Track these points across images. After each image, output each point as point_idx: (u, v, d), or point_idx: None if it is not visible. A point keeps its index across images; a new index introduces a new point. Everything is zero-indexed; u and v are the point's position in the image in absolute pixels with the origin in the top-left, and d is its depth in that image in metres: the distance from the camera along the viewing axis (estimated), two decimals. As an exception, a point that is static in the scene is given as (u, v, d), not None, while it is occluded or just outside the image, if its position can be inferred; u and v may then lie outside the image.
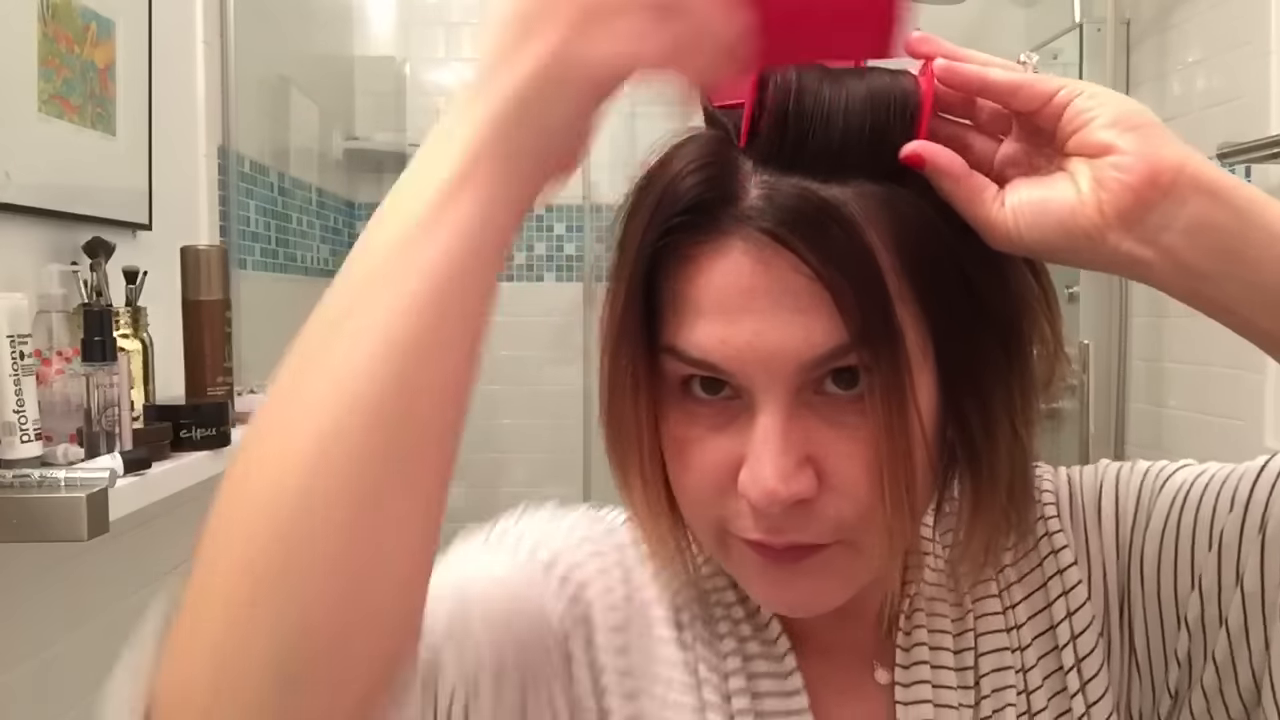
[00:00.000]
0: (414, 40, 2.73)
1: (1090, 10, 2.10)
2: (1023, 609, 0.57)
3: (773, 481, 0.47)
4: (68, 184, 1.24)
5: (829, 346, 0.47)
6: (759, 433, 0.48)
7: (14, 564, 1.13)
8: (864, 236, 0.46)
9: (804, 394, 0.48)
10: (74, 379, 1.07)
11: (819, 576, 0.51)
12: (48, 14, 1.18)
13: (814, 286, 0.46)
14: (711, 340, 0.48)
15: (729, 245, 0.47)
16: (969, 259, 0.49)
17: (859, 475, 0.48)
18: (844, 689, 0.57)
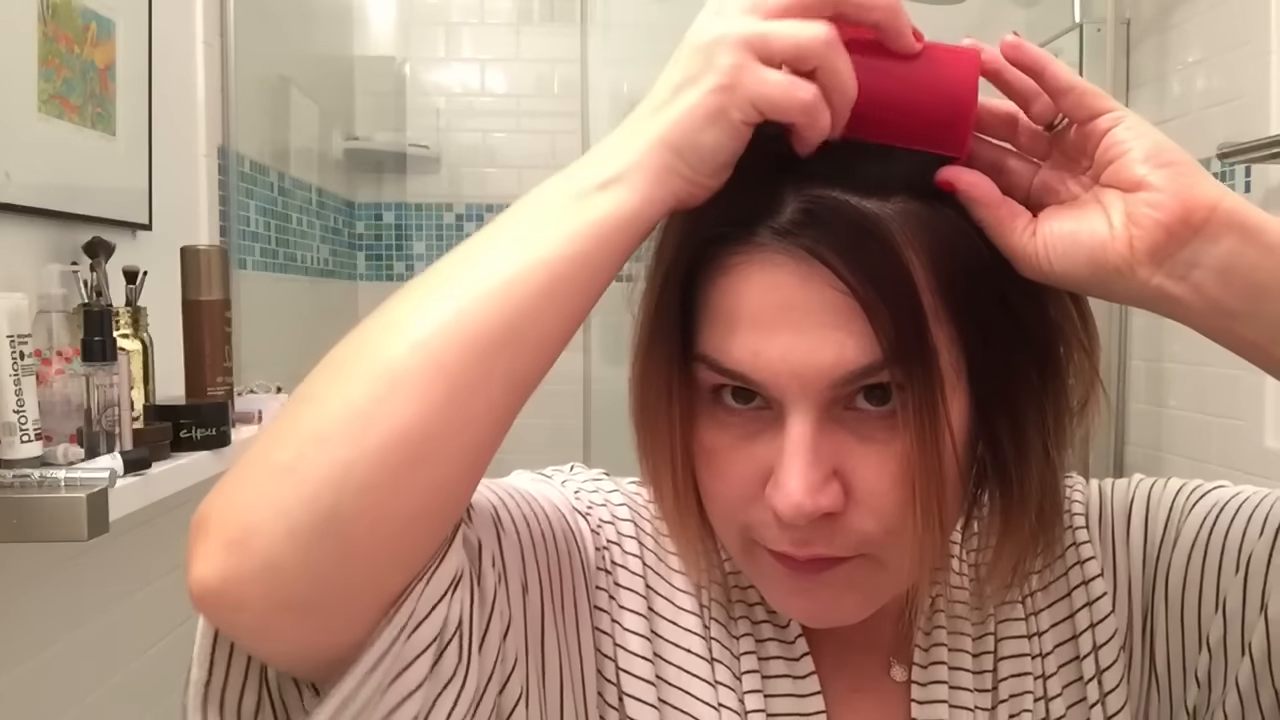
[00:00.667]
0: (414, 40, 2.73)
1: (1090, 10, 2.10)
2: (1045, 616, 0.58)
3: (799, 495, 0.47)
4: (68, 184, 1.24)
5: (861, 364, 0.47)
6: (788, 445, 0.48)
7: (14, 564, 1.13)
8: (901, 255, 0.47)
9: (834, 409, 0.49)
10: (74, 379, 1.07)
11: (841, 589, 0.51)
12: (48, 14, 1.18)
13: (850, 303, 0.46)
14: (745, 352, 0.48)
15: (766, 258, 0.48)
16: (1007, 281, 0.49)
17: (886, 491, 0.48)
18: (859, 684, 0.57)
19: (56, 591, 1.23)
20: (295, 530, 0.41)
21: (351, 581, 0.43)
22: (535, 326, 0.46)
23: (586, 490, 0.61)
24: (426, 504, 0.44)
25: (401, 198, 2.72)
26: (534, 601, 0.52)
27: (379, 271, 2.72)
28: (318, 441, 0.43)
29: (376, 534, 0.43)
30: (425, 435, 0.43)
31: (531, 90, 2.73)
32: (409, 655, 0.45)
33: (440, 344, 0.44)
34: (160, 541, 1.48)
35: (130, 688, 1.40)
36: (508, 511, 0.54)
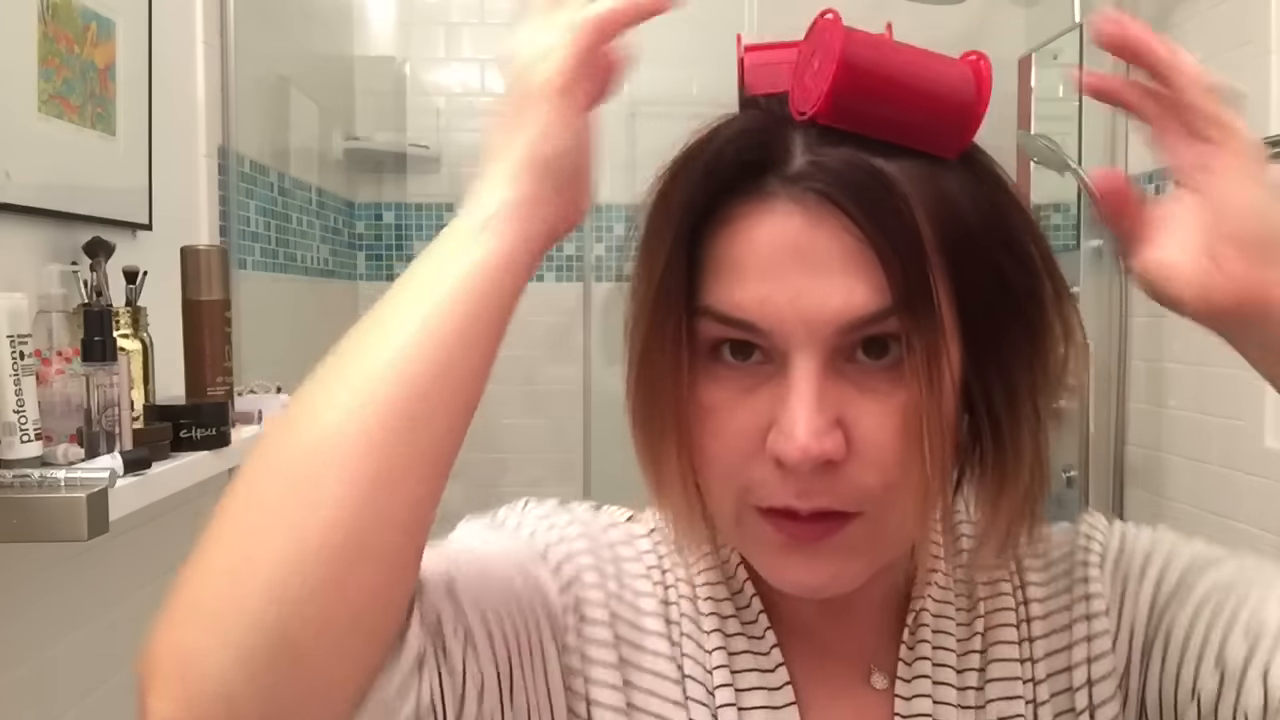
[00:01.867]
0: (414, 40, 2.73)
1: (1090, 10, 2.10)
2: (1041, 644, 0.57)
3: (805, 437, 0.47)
4: (68, 184, 1.24)
5: (870, 310, 0.47)
6: (793, 390, 0.48)
7: (14, 564, 1.13)
8: (911, 206, 0.47)
9: (837, 360, 0.49)
10: (74, 379, 1.07)
11: (841, 555, 0.51)
12: (48, 14, 1.18)
13: (860, 250, 0.47)
14: (752, 300, 0.48)
15: (776, 205, 0.48)
16: (999, 244, 0.50)
17: (887, 442, 0.48)
18: (837, 691, 0.56)
19: (56, 591, 1.23)
20: (242, 656, 0.41)
21: (310, 691, 0.42)
22: (439, 397, 0.46)
23: (541, 530, 0.58)
24: (369, 599, 0.43)
25: (401, 198, 2.72)
26: (502, 656, 0.51)
27: (379, 271, 2.72)
28: (247, 562, 0.42)
29: (323, 641, 0.42)
30: (349, 534, 0.42)
31: (531, 90, 2.73)
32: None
33: (348, 440, 0.43)
34: (160, 541, 1.48)
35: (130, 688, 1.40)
36: (462, 575, 0.52)
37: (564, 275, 2.75)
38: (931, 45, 0.51)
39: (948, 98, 0.49)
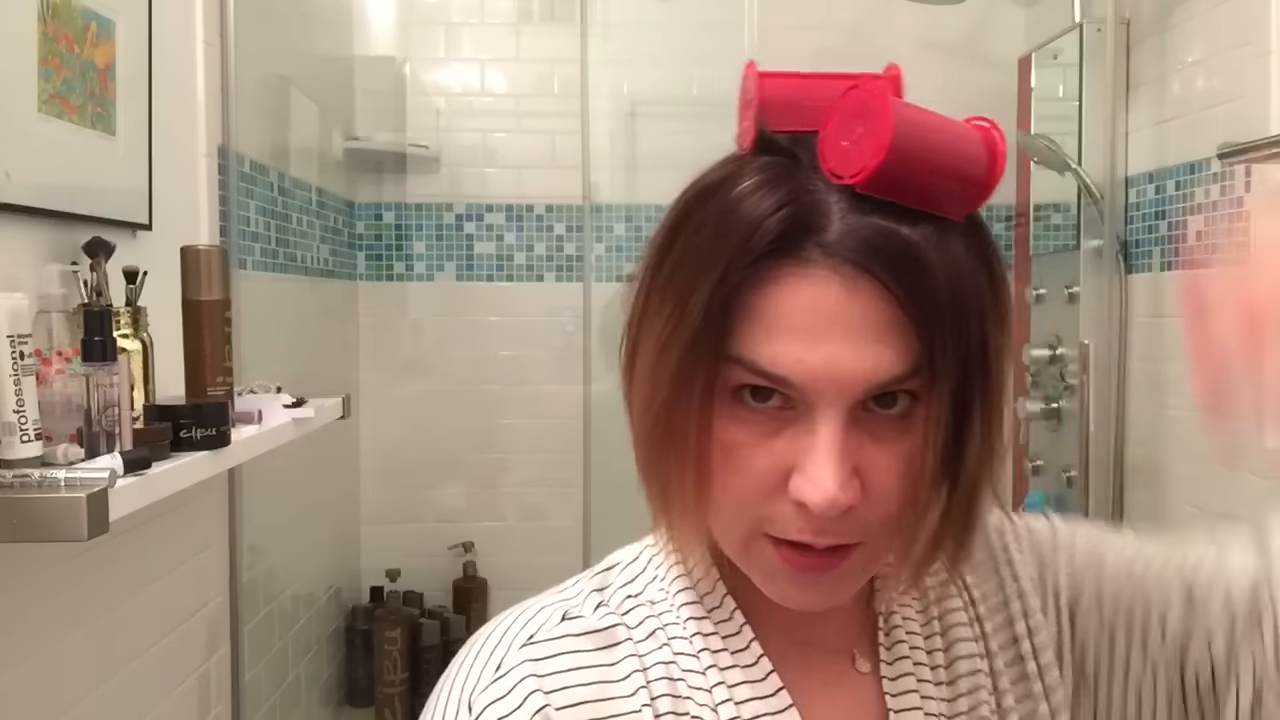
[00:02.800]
0: (414, 40, 2.73)
1: (1090, 10, 2.10)
2: (989, 624, 0.64)
3: (834, 490, 0.52)
4: (68, 184, 1.24)
5: (896, 373, 0.52)
6: (821, 444, 0.53)
7: (14, 564, 1.13)
8: (935, 275, 0.52)
9: (855, 410, 0.53)
10: (74, 379, 1.07)
11: (840, 582, 0.57)
12: (48, 14, 1.18)
13: (891, 316, 0.52)
14: (788, 358, 0.52)
15: (813, 272, 0.52)
16: (990, 302, 0.55)
17: (892, 485, 0.54)
18: (827, 680, 0.61)
19: (56, 591, 1.23)
20: None
21: None
22: None
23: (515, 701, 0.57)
24: None
25: (401, 198, 2.72)
26: None
27: (379, 271, 2.72)
28: None
29: None
30: None
31: (531, 90, 2.73)
32: None
33: None
34: (160, 541, 1.48)
35: (130, 688, 1.40)
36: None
37: (564, 275, 2.75)
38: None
39: (972, 172, 0.54)
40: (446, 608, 2.62)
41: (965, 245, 0.54)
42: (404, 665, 2.45)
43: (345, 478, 2.65)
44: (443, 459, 2.71)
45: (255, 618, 1.90)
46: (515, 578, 2.71)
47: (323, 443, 2.06)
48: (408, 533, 2.70)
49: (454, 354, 2.73)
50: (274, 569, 2.02)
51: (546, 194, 2.71)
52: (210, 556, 1.68)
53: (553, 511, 2.73)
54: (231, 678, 1.76)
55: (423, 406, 2.70)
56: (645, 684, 0.58)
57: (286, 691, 2.12)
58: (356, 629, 2.52)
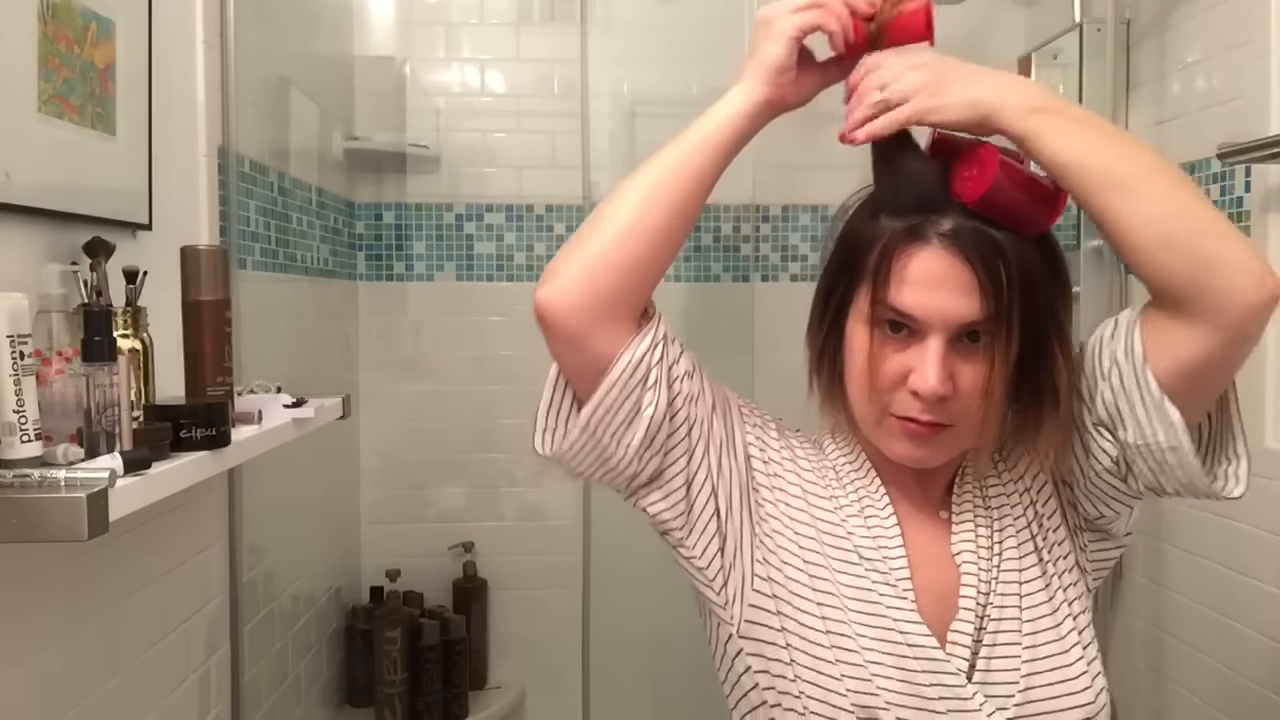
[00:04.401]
0: (414, 40, 2.73)
1: (1090, 10, 2.10)
2: (1033, 486, 1.04)
3: (936, 383, 0.90)
4: (68, 184, 1.24)
5: (975, 317, 0.90)
6: (931, 356, 0.91)
7: (14, 564, 1.13)
8: (1008, 261, 0.90)
9: (952, 340, 0.91)
10: (74, 379, 1.07)
11: (937, 445, 0.95)
12: (48, 14, 1.18)
13: (975, 282, 0.90)
14: (916, 303, 0.91)
15: (933, 251, 0.91)
16: (1053, 289, 0.95)
17: (973, 390, 0.92)
18: (921, 521, 1.01)
19: (56, 591, 1.23)
20: (574, 269, 0.92)
21: (603, 302, 0.91)
22: (681, 175, 0.94)
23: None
24: (632, 264, 0.92)
25: (401, 198, 2.72)
26: (707, 406, 0.99)
27: (379, 271, 2.72)
28: (593, 225, 0.93)
29: (611, 271, 0.92)
30: (633, 223, 0.92)
31: (531, 90, 2.73)
32: (642, 366, 0.93)
33: (639, 189, 0.94)
34: (160, 541, 1.48)
35: (130, 688, 1.40)
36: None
37: (564, 275, 2.74)
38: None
39: (1041, 210, 0.93)
40: (446, 608, 2.62)
41: (1036, 249, 0.93)
42: (404, 665, 2.44)
43: (345, 478, 2.65)
44: (442, 459, 2.71)
45: (255, 618, 1.90)
46: (515, 578, 2.71)
47: (323, 443, 2.06)
48: (408, 533, 2.70)
49: (454, 354, 2.73)
50: (274, 569, 2.02)
51: (546, 194, 2.71)
52: (210, 556, 1.68)
53: (553, 511, 2.73)
54: (231, 678, 1.76)
55: (423, 406, 2.70)
56: (829, 468, 1.04)
57: (286, 691, 2.12)
58: (356, 629, 2.52)
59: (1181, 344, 0.88)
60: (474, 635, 2.62)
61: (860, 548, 0.97)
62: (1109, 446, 0.95)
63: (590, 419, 0.93)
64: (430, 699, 2.48)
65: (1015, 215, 0.90)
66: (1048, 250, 0.94)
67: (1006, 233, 0.90)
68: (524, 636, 2.72)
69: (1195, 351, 0.87)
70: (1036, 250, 0.92)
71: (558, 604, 2.65)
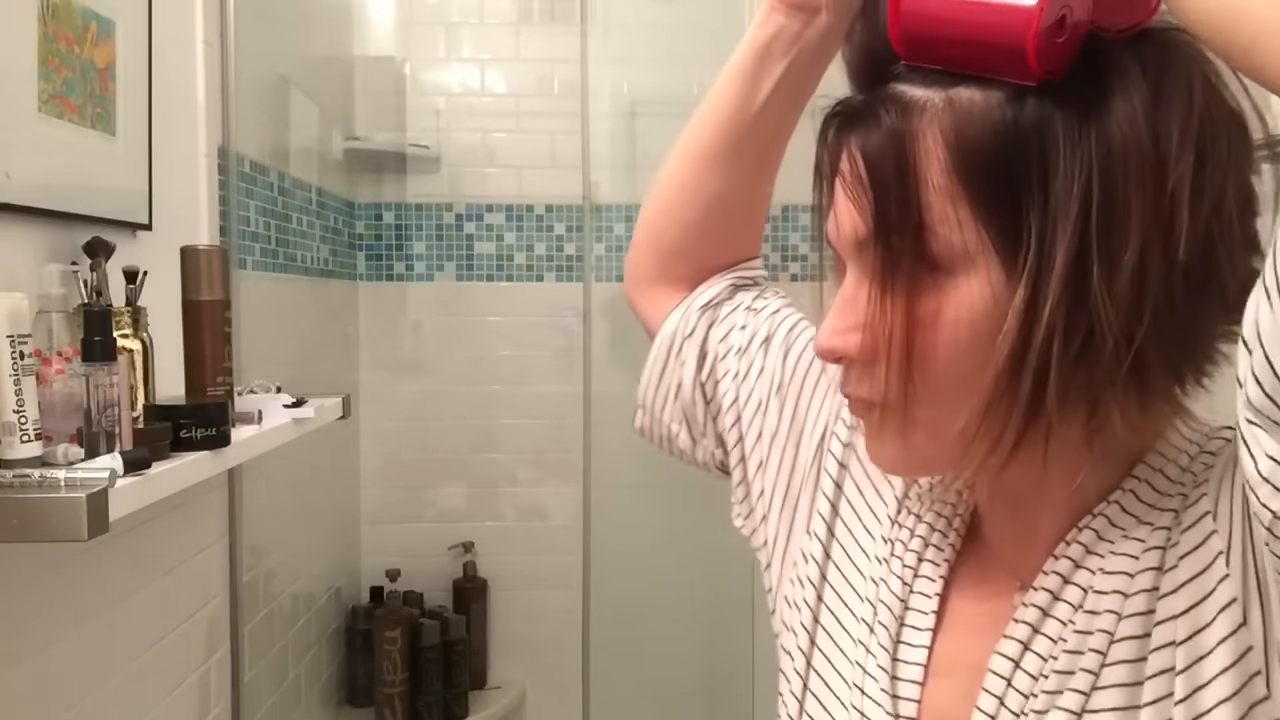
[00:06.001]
0: (414, 40, 2.73)
1: (1090, 10, 2.10)
2: (1180, 597, 0.53)
3: (821, 335, 0.58)
4: (68, 184, 1.24)
5: (857, 230, 0.55)
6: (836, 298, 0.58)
7: (14, 564, 1.13)
8: (909, 140, 0.53)
9: (882, 272, 0.55)
10: (74, 379, 1.07)
11: (881, 440, 0.59)
12: (48, 14, 1.18)
13: (857, 178, 0.55)
14: (829, 223, 0.59)
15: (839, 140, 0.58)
16: (1077, 182, 0.50)
17: (909, 348, 0.54)
18: (984, 596, 0.61)
19: (56, 591, 1.23)
20: (646, 220, 0.82)
21: (651, 262, 0.82)
22: (720, 102, 0.77)
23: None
24: (658, 227, 0.82)
25: (401, 198, 2.72)
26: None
27: (379, 271, 2.72)
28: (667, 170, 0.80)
29: (672, 226, 0.80)
30: (662, 182, 0.81)
31: (531, 90, 2.73)
32: (675, 337, 0.79)
33: (691, 125, 0.79)
34: (160, 541, 1.48)
35: (130, 688, 1.40)
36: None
37: (564, 275, 2.75)
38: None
39: (1001, 25, 0.50)
40: (446, 608, 2.62)
41: (1036, 110, 0.51)
42: (404, 665, 2.45)
43: (345, 478, 2.65)
44: (443, 459, 2.71)
45: (255, 618, 1.90)
46: (515, 578, 2.71)
47: (323, 443, 2.06)
48: (408, 533, 2.70)
49: (454, 354, 2.73)
50: (274, 569, 2.02)
51: (546, 194, 2.71)
52: (210, 556, 1.68)
53: (553, 511, 2.73)
54: (231, 678, 1.76)
55: (423, 406, 2.70)
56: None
57: (286, 691, 2.12)
58: (356, 629, 2.52)
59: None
60: (474, 635, 2.62)
61: (879, 619, 0.64)
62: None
63: (642, 395, 0.81)
64: (430, 699, 2.48)
65: (962, 55, 0.52)
66: (1087, 108, 0.50)
67: (954, 88, 0.52)
68: (524, 636, 2.72)
69: None
70: (1039, 110, 0.51)
71: (558, 604, 2.65)
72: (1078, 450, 0.54)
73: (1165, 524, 0.54)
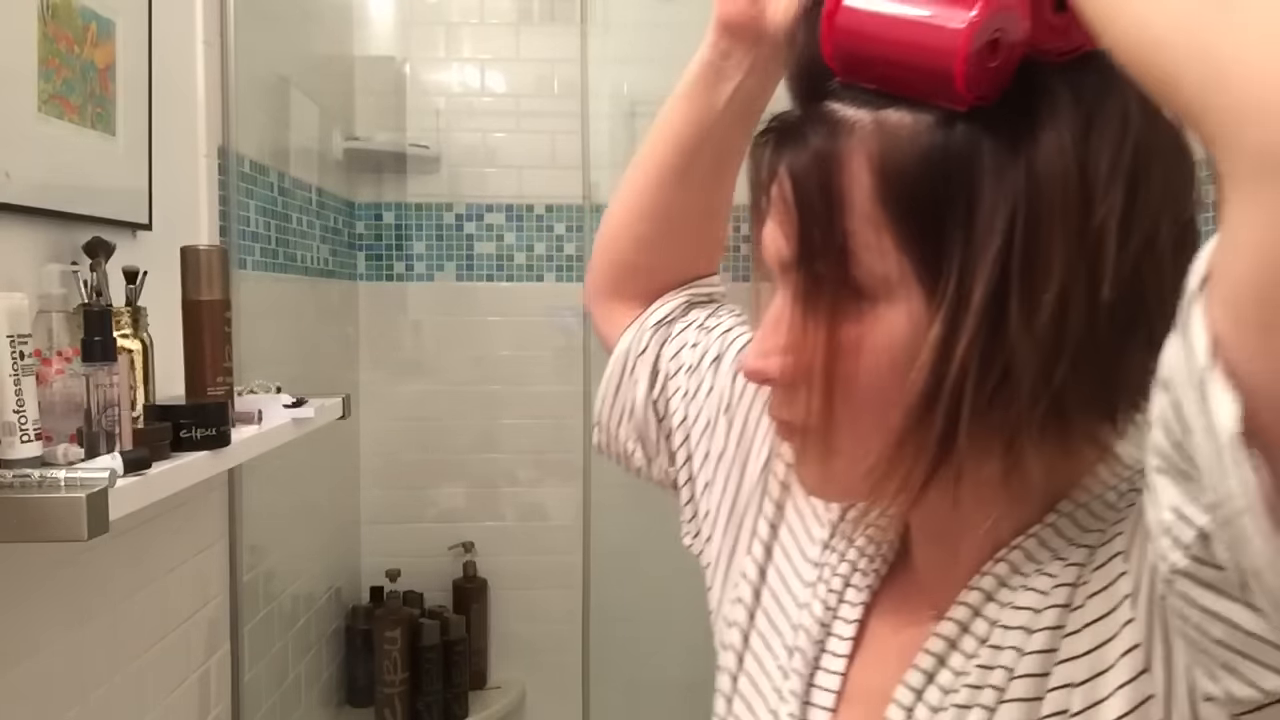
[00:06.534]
0: (414, 40, 2.73)
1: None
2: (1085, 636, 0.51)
3: (748, 356, 0.56)
4: (68, 184, 1.24)
5: (784, 251, 0.54)
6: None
7: (14, 564, 1.13)
8: (838, 164, 0.51)
9: (802, 289, 0.53)
10: (74, 379, 1.07)
11: (805, 463, 0.58)
12: (48, 14, 1.18)
13: (784, 198, 0.54)
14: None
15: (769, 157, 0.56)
16: (997, 211, 0.48)
17: (830, 372, 0.53)
18: (903, 624, 0.60)
19: (56, 591, 1.23)
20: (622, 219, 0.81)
21: (605, 277, 0.82)
22: (671, 119, 0.76)
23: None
24: (615, 241, 0.81)
25: (401, 198, 2.72)
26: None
27: (379, 271, 2.72)
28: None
29: (626, 245, 0.80)
30: (618, 194, 0.81)
31: (531, 90, 2.73)
32: (628, 355, 0.79)
33: (646, 140, 0.79)
34: (160, 541, 1.48)
35: (130, 687, 1.40)
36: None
37: (564, 275, 2.75)
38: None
39: (930, 48, 0.48)
40: (446, 608, 2.62)
41: (969, 137, 0.48)
42: (404, 665, 2.45)
43: (345, 478, 2.65)
44: (443, 459, 2.71)
45: (255, 618, 1.90)
46: (515, 578, 2.71)
47: (323, 443, 2.06)
48: (408, 533, 2.70)
49: (454, 354, 2.73)
50: (274, 569, 2.02)
51: (546, 194, 2.71)
52: (210, 556, 1.68)
53: (553, 511, 2.73)
54: (231, 678, 1.76)
55: (423, 406, 2.70)
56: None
57: (286, 691, 2.12)
58: (356, 629, 2.52)
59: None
60: (474, 635, 2.62)
61: (798, 644, 0.63)
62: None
63: (598, 413, 0.81)
64: (430, 699, 2.48)
65: (894, 75, 0.50)
66: (1013, 137, 0.48)
67: (883, 110, 0.50)
68: (524, 636, 2.72)
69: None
70: (967, 138, 0.48)
71: (558, 604, 2.65)
72: (993, 489, 0.53)
73: (1079, 560, 0.52)
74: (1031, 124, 0.48)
